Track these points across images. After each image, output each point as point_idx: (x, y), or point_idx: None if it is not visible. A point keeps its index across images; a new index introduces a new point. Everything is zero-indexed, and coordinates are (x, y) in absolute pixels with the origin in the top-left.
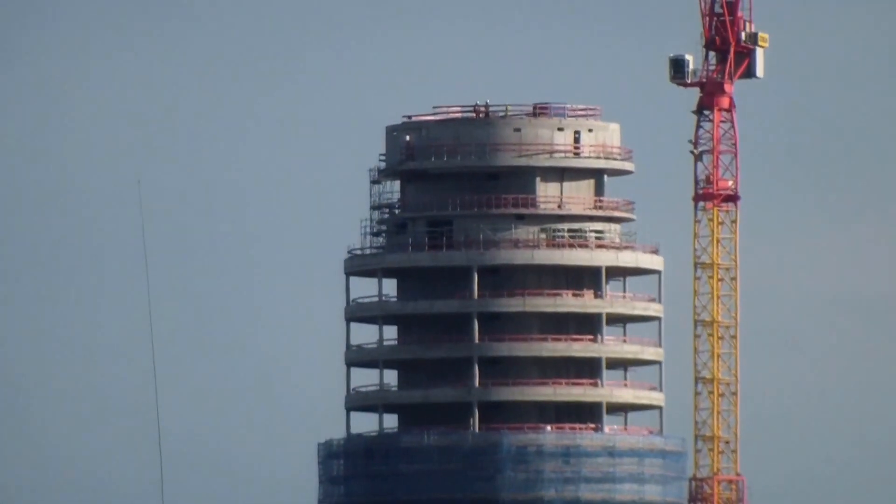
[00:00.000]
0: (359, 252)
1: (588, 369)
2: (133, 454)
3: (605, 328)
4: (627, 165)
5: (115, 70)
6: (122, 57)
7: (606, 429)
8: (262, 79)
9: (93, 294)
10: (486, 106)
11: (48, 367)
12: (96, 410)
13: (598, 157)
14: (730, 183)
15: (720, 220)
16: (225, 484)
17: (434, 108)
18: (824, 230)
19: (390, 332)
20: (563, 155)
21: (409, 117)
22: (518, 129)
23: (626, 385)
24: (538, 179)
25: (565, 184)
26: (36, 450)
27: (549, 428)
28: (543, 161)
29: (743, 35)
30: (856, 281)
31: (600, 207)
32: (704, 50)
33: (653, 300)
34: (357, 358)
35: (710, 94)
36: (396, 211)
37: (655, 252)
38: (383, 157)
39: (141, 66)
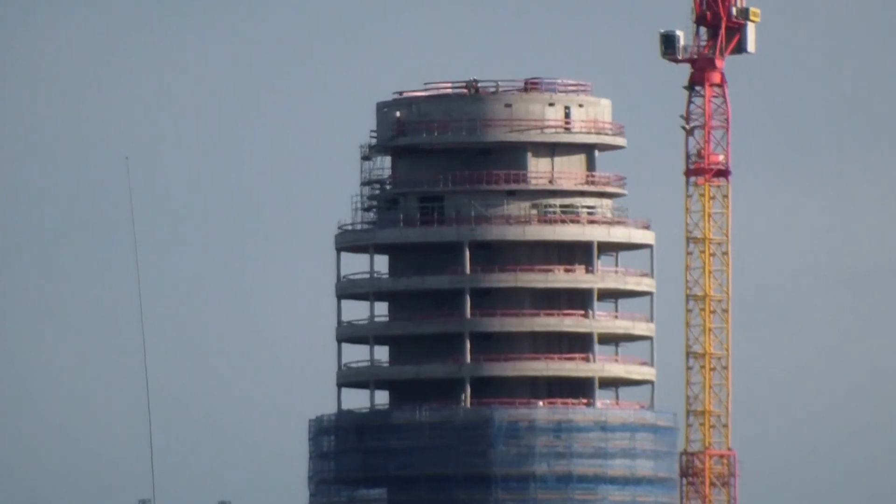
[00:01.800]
0: (350, 228)
1: (580, 344)
2: (124, 431)
3: (596, 303)
4: (619, 141)
5: (102, 46)
6: (110, 34)
7: (598, 404)
8: (252, 55)
9: (82, 271)
10: (475, 82)
11: (38, 344)
12: (86, 386)
13: (590, 133)
14: (721, 158)
15: (712, 194)
16: (216, 459)
17: (425, 84)
18: (815, 204)
19: (381, 308)
20: (554, 130)
21: (401, 93)
22: (509, 105)
23: (617, 360)
24: (529, 155)
25: (556, 159)
26: (29, 424)
27: (540, 403)
28: (534, 136)
29: (734, 10)
30: (847, 254)
31: (592, 183)
32: (695, 25)
33: (644, 275)
34: (348, 334)
35: (702, 69)
36: (387, 187)
37: (647, 227)
38: (374, 134)
39: (129, 42)
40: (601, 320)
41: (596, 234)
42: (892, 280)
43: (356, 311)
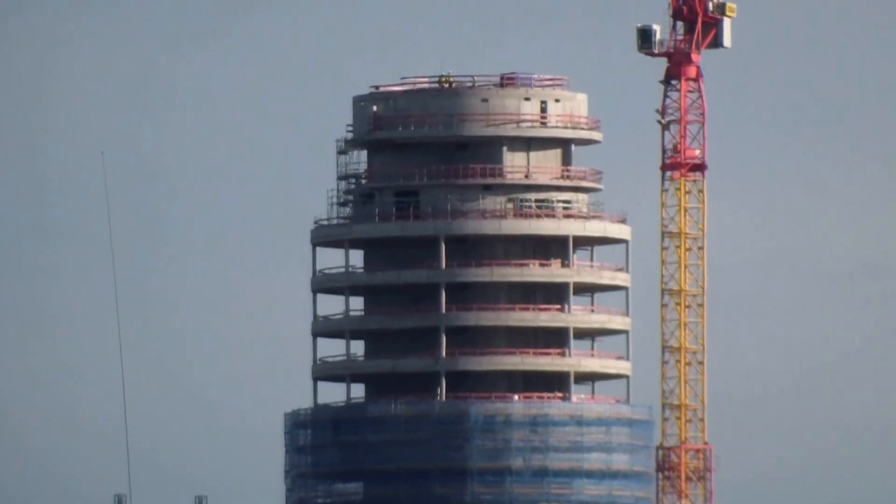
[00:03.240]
0: (325, 222)
1: (556, 339)
2: (99, 426)
3: (572, 298)
4: (595, 135)
5: (78, 40)
6: (86, 27)
7: (574, 398)
8: (228, 49)
9: (57, 266)
10: (447, 77)
11: (12, 338)
12: (61, 380)
13: (566, 127)
14: (697, 152)
15: (687, 189)
16: (192, 454)
17: (402, 78)
18: (791, 199)
19: (357, 303)
20: (530, 125)
21: (377, 88)
22: (485, 100)
23: (593, 354)
24: (505, 149)
25: (532, 153)
26: (3, 418)
27: (516, 397)
28: (510, 131)
29: (710, 5)
30: (822, 249)
31: (567, 177)
32: (672, 20)
33: (620, 269)
34: (324, 328)
35: (678, 63)
36: (363, 181)
37: (623, 221)
38: (350, 128)
39: (104, 35)
40: (577, 314)
41: (572, 228)
42: (867, 274)
43: (332, 305)
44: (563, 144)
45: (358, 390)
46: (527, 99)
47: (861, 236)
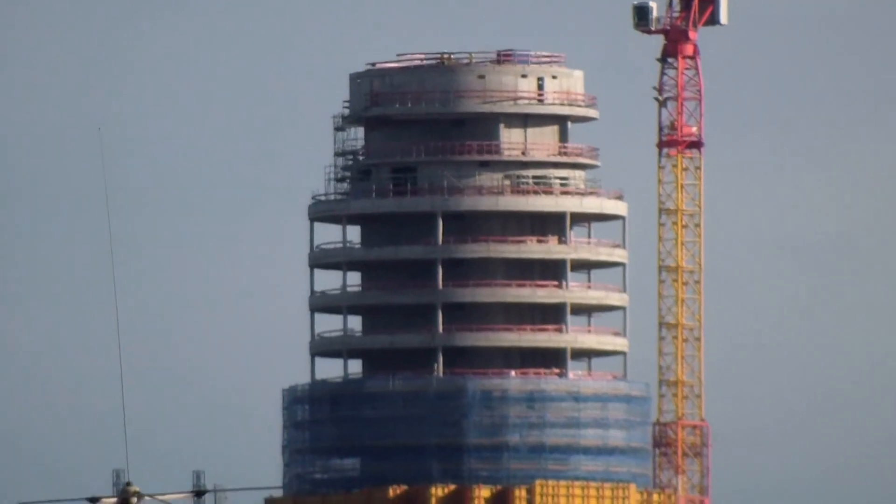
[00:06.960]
0: (323, 198)
1: (552, 315)
2: (97, 402)
3: (569, 274)
4: (591, 112)
5: (75, 16)
6: (86, 6)
7: (571, 374)
8: (225, 26)
9: (54, 242)
10: (446, 55)
11: (10, 313)
12: (59, 355)
13: (562, 104)
14: (694, 129)
15: (684, 166)
16: (190, 429)
17: (398, 55)
18: (788, 176)
19: (354, 278)
20: (526, 101)
21: (373, 64)
22: (482, 76)
23: (590, 331)
24: (502, 126)
25: (529, 130)
26: (1, 396)
27: (513, 373)
28: (507, 108)
29: None
30: (819, 226)
31: (564, 154)
32: None
33: (617, 246)
34: (321, 304)
35: (675, 41)
36: (360, 157)
37: (620, 198)
38: (347, 104)
39: (101, 10)
40: (574, 291)
41: (568, 204)
42: (863, 250)
43: (329, 280)
44: (560, 121)
45: (355, 366)
46: (523, 76)
47: (858, 212)
